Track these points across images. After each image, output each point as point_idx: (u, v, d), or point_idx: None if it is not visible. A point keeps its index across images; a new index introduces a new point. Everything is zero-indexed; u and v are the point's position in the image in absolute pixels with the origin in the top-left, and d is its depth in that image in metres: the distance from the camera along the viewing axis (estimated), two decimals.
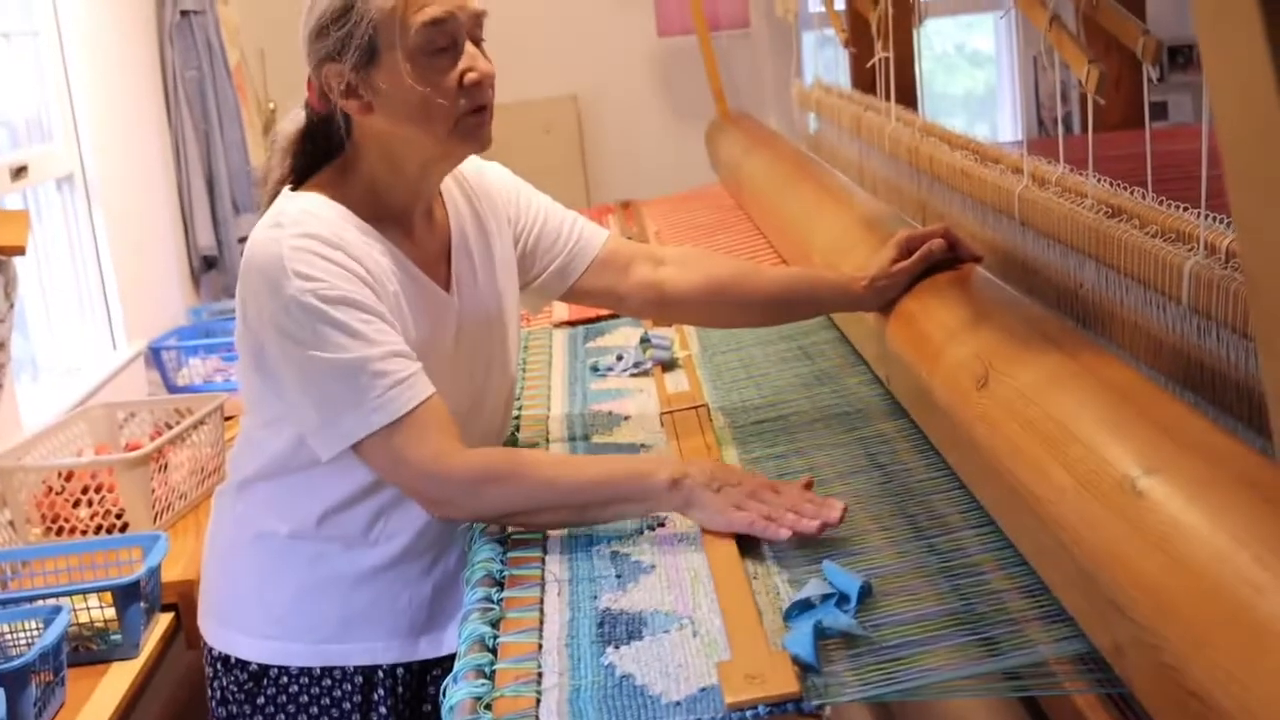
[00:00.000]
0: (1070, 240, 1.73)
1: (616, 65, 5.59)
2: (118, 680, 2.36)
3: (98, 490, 2.86)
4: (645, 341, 2.33)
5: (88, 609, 2.42)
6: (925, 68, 2.49)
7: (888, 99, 2.66)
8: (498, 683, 1.31)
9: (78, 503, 2.84)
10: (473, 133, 1.70)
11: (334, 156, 1.76)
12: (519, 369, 2.34)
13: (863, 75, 3.21)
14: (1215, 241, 1.39)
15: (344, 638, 1.78)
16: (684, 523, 1.61)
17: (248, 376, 1.78)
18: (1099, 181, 1.74)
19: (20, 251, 2.84)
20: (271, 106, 5.19)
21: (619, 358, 2.32)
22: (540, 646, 1.37)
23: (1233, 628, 0.91)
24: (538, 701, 1.27)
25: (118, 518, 2.85)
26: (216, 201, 4.57)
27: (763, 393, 2.06)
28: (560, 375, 2.32)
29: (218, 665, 1.84)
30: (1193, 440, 1.14)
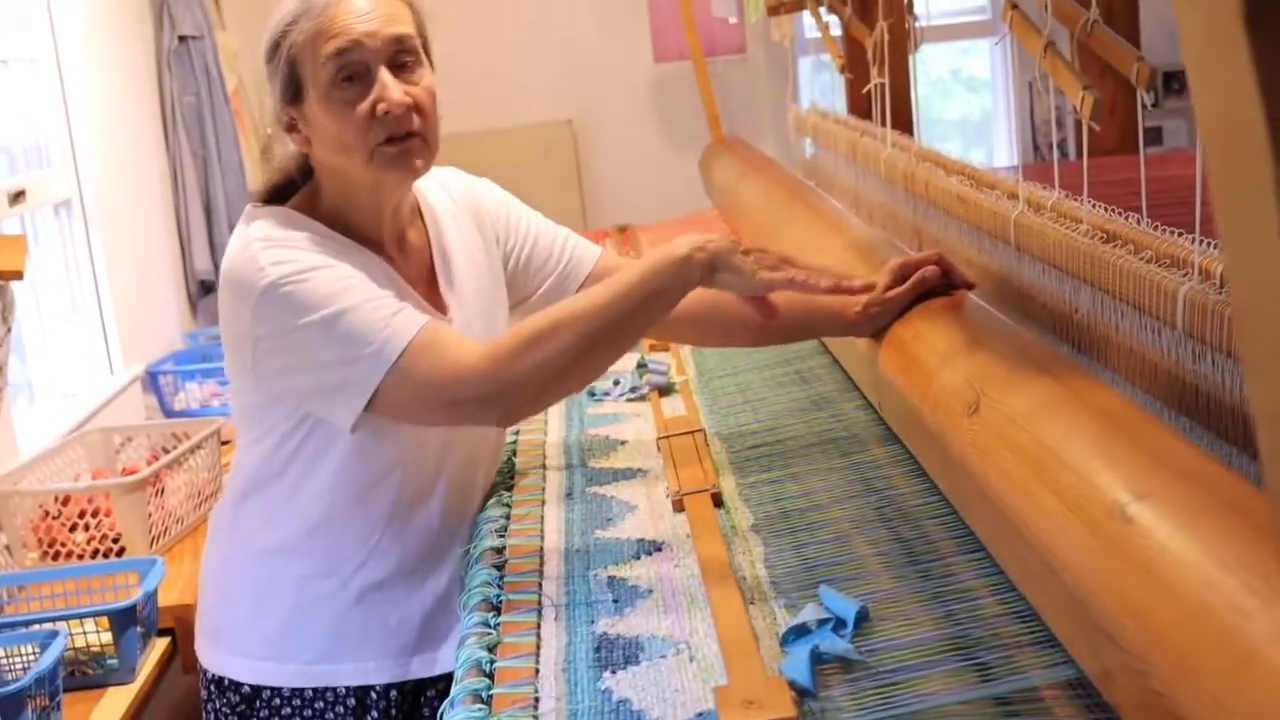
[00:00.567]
0: (1065, 265, 1.74)
1: (613, 90, 5.61)
2: (114, 705, 2.36)
3: (94, 514, 2.86)
4: (642, 366, 2.34)
5: (84, 633, 2.41)
6: (921, 93, 2.50)
7: (883, 124, 2.67)
8: (495, 707, 1.31)
9: (74, 527, 2.84)
10: (392, 162, 1.66)
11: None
12: None
13: (859, 100, 3.22)
14: (1209, 267, 1.39)
15: (335, 658, 1.78)
16: (681, 548, 1.62)
17: (239, 397, 1.78)
18: (1094, 207, 1.75)
19: (18, 276, 2.84)
20: (269, 132, 5.19)
21: (615, 382, 2.32)
22: (537, 671, 1.37)
23: (1221, 654, 0.91)
24: None
25: (114, 542, 2.85)
26: (214, 226, 4.57)
27: (759, 417, 2.06)
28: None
29: (211, 687, 1.84)
30: (1182, 466, 1.15)
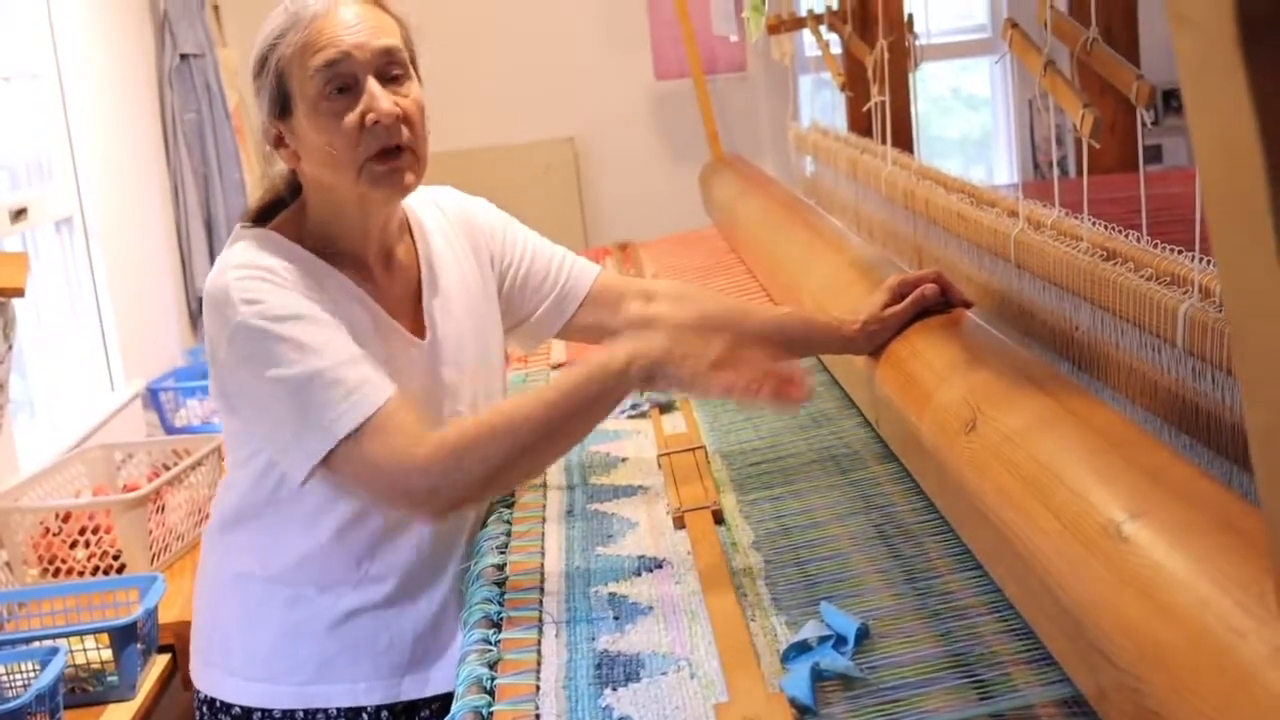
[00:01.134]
0: (1066, 283, 1.74)
1: (614, 108, 5.62)
2: None
3: (95, 531, 2.86)
4: None
5: (84, 650, 2.41)
6: (921, 111, 2.51)
7: (884, 142, 2.67)
8: None
9: (75, 544, 2.84)
10: (382, 179, 1.65)
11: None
12: None
13: (859, 118, 3.23)
14: (1210, 284, 1.40)
15: (326, 679, 1.77)
16: (682, 565, 1.62)
17: (224, 418, 1.78)
18: (1094, 225, 1.75)
19: (19, 293, 2.84)
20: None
21: None
22: (538, 688, 1.37)
23: (1215, 673, 0.92)
24: None
25: (115, 559, 2.85)
26: (215, 243, 4.58)
27: (760, 434, 2.06)
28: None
29: (204, 708, 1.84)
30: (1177, 485, 1.15)
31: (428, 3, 1.89)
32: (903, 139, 2.74)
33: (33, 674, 2.25)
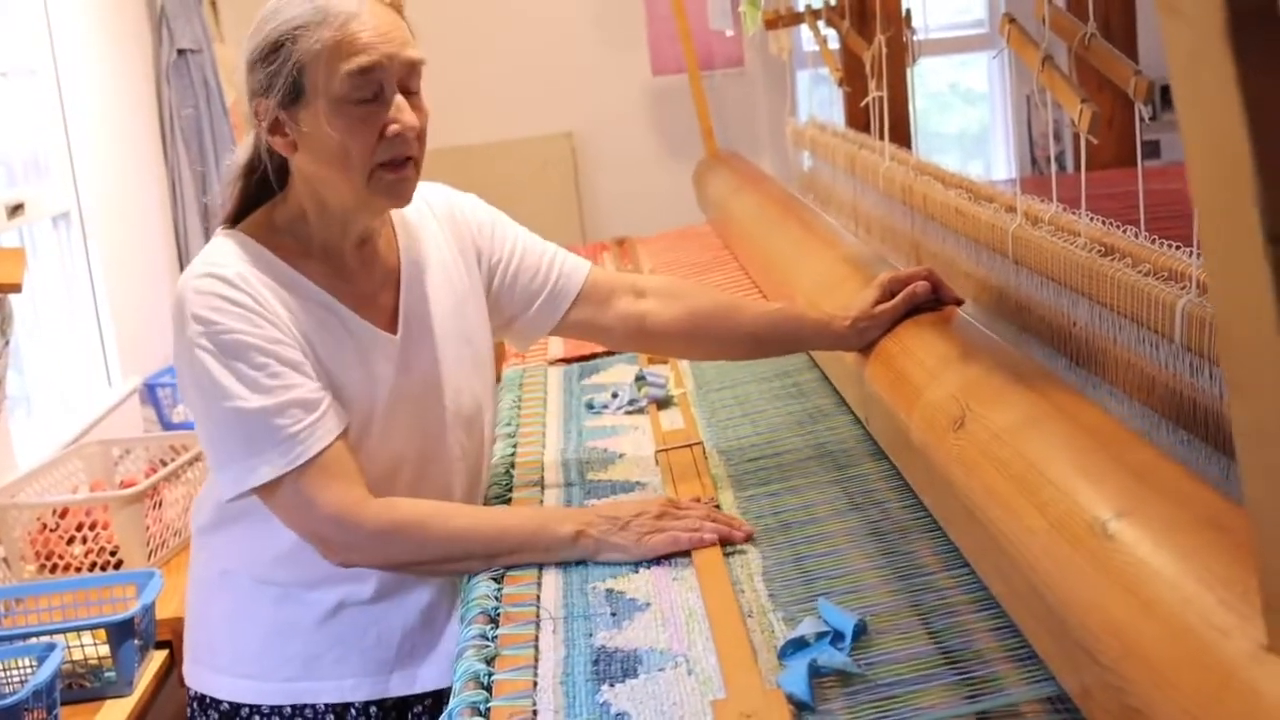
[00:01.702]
0: (1063, 279, 1.74)
1: (611, 103, 5.61)
2: (112, 717, 2.36)
3: (92, 527, 2.86)
4: (640, 379, 2.34)
5: (82, 646, 2.41)
6: (919, 106, 2.51)
7: (882, 137, 2.67)
8: None
9: (72, 540, 2.84)
10: (389, 188, 1.67)
11: (275, 190, 1.77)
12: (514, 408, 2.34)
13: (857, 114, 3.23)
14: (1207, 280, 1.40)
15: (313, 676, 1.77)
16: (680, 560, 1.62)
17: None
18: (1092, 220, 1.75)
19: (16, 289, 2.84)
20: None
21: (614, 395, 2.32)
22: (535, 684, 1.37)
23: (1199, 672, 0.92)
24: None
25: (112, 555, 2.85)
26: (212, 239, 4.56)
27: (758, 430, 2.06)
28: (556, 413, 2.33)
29: (194, 704, 1.84)
30: (1163, 484, 1.15)
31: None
32: (900, 134, 2.74)
33: (30, 670, 2.25)
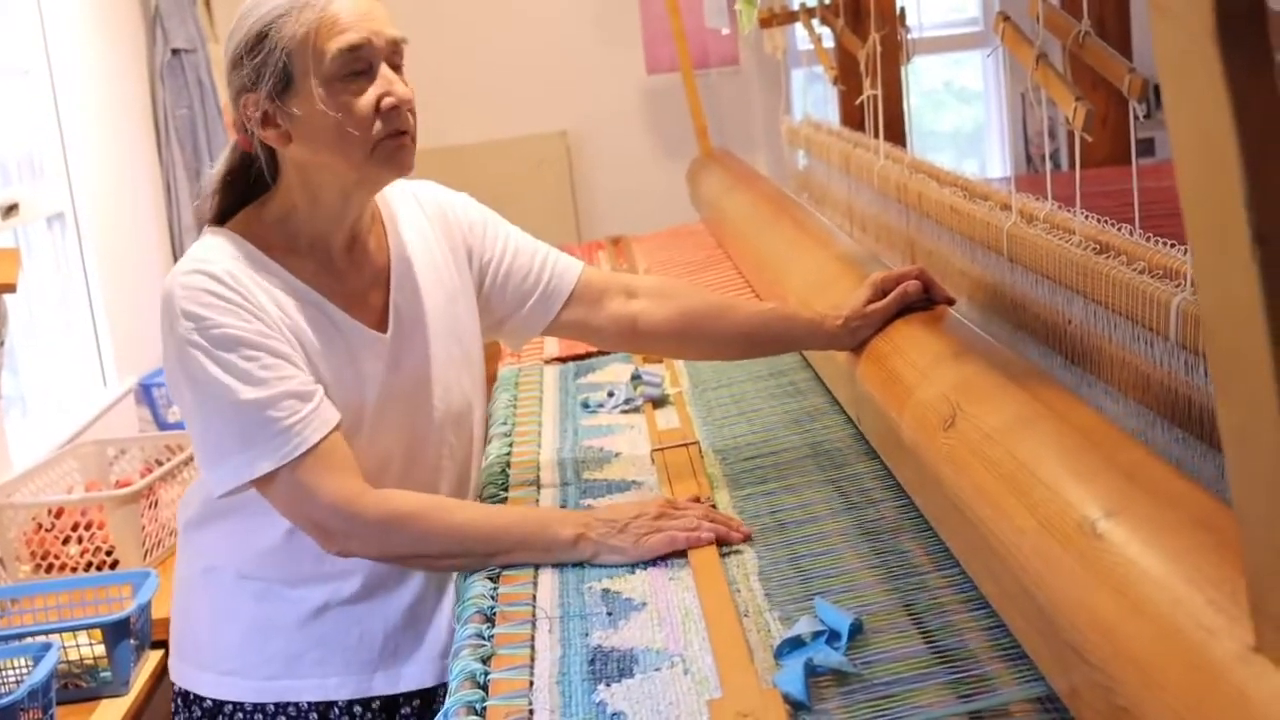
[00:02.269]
0: (1058, 276, 1.74)
1: (606, 102, 5.61)
2: (107, 717, 2.35)
3: (88, 527, 2.85)
4: (636, 378, 2.33)
5: (77, 646, 2.41)
6: (913, 104, 2.50)
7: (876, 135, 2.67)
8: (489, 719, 1.31)
9: (68, 539, 2.84)
10: (392, 157, 1.67)
11: (259, 192, 1.76)
12: (510, 407, 2.33)
13: (851, 112, 3.23)
14: None
15: (295, 674, 1.77)
16: (676, 560, 1.61)
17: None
18: (1086, 218, 1.75)
19: (11, 289, 2.84)
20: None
21: (610, 394, 2.32)
22: (532, 683, 1.37)
23: (1186, 671, 0.91)
24: None
25: (108, 554, 2.85)
26: None
27: (753, 429, 2.06)
28: (551, 412, 2.32)
29: (179, 700, 1.84)
30: (1153, 484, 1.15)
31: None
32: (895, 133, 2.74)
33: (25, 670, 2.25)
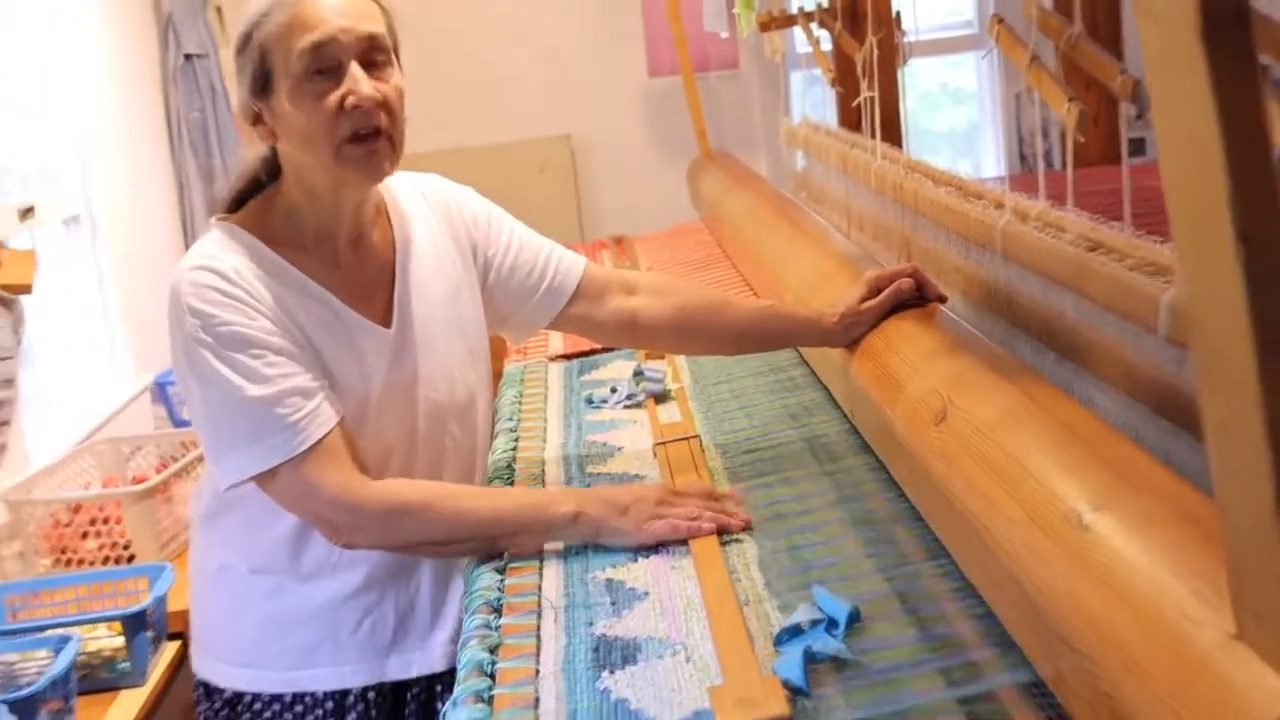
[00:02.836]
0: (1051, 273, 1.74)
1: (609, 105, 5.61)
2: (126, 707, 2.36)
3: (105, 522, 2.86)
4: (638, 374, 2.34)
5: (96, 638, 2.42)
6: (910, 105, 2.50)
7: (873, 136, 2.67)
8: (496, 707, 1.31)
9: (86, 534, 2.85)
10: (358, 161, 1.64)
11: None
12: (515, 404, 2.34)
13: (849, 113, 3.23)
14: None
15: (310, 664, 1.78)
16: (677, 550, 1.62)
17: None
18: (1079, 216, 1.75)
19: (27, 290, 2.85)
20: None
21: (613, 390, 2.32)
22: (537, 672, 1.37)
23: (1169, 659, 0.92)
24: None
25: (125, 549, 2.85)
26: None
27: (753, 423, 2.07)
28: (556, 408, 2.33)
29: (200, 691, 1.85)
30: (1139, 478, 1.15)
31: (427, 2, 1.89)
32: (892, 133, 2.74)
33: (46, 661, 2.26)
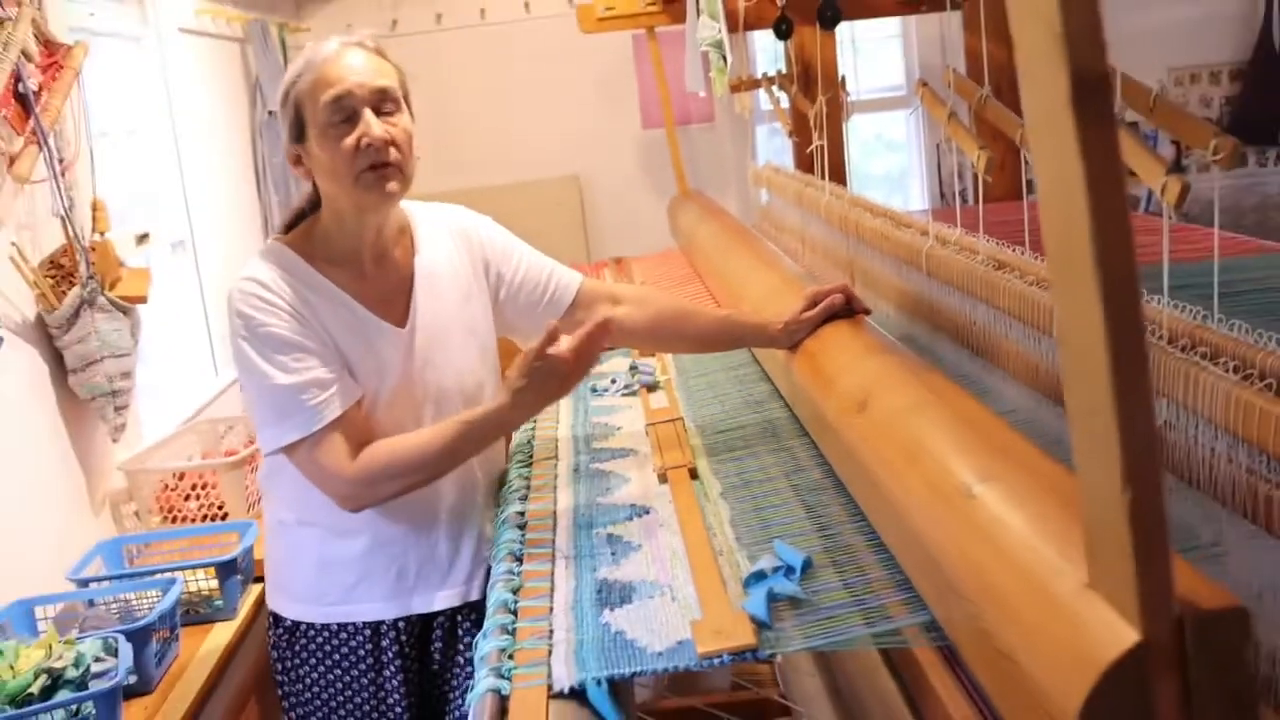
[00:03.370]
0: (966, 287, 1.74)
1: (609, 151, 5.59)
2: (220, 637, 2.36)
3: (204, 487, 2.85)
4: (634, 368, 2.34)
5: (196, 581, 2.41)
6: (852, 153, 2.50)
7: (823, 178, 2.67)
8: (518, 637, 1.31)
9: (188, 497, 2.84)
10: (370, 185, 1.64)
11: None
12: None
13: (804, 159, 3.23)
14: None
15: (351, 600, 1.78)
16: (665, 511, 1.61)
17: None
18: (988, 241, 1.75)
19: (143, 300, 2.84)
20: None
21: (613, 381, 2.32)
22: (551, 609, 1.37)
23: (1036, 602, 0.92)
24: (549, 652, 1.27)
25: (219, 508, 2.84)
26: None
27: (724, 409, 2.06)
28: (567, 396, 2.31)
29: (270, 619, 1.85)
30: (1019, 458, 1.15)
31: (459, 69, 1.87)
32: (838, 175, 2.74)
33: (156, 599, 2.25)
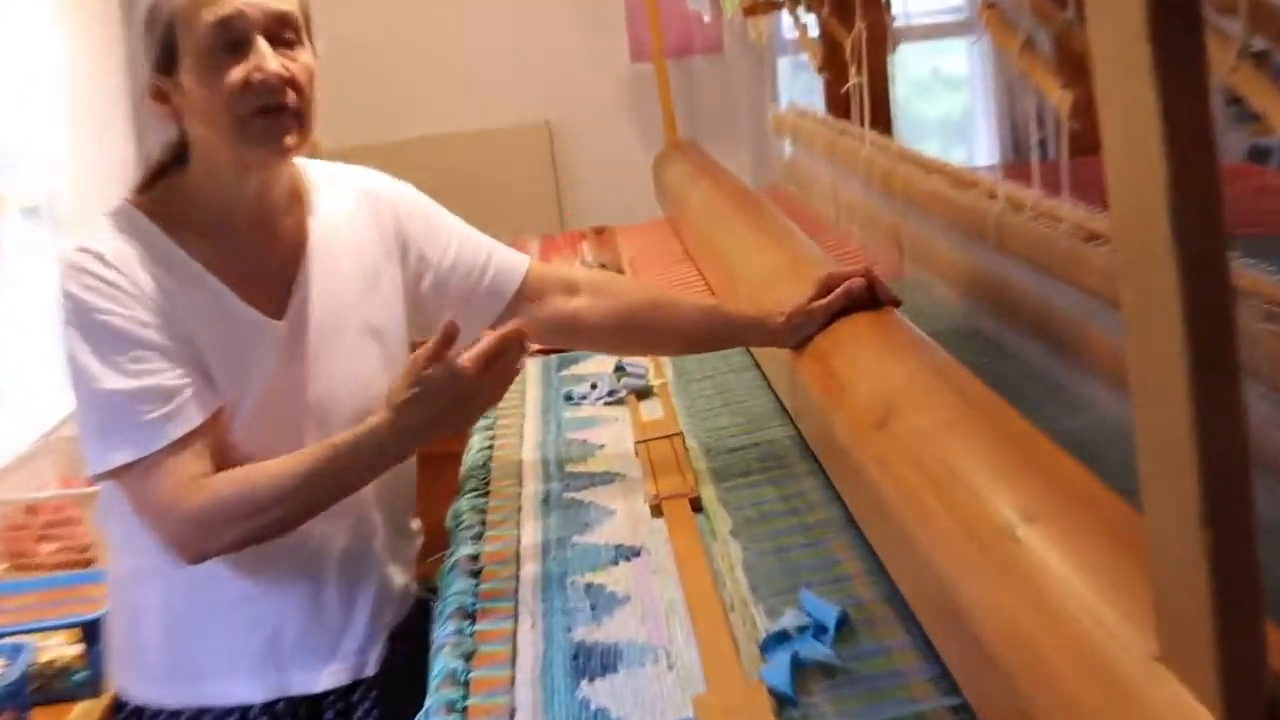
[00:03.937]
0: (1045, 264, 1.74)
1: (589, 91, 5.59)
2: (84, 718, 2.35)
3: (63, 524, 2.85)
4: (619, 370, 2.34)
5: (51, 647, 2.41)
6: (899, 92, 2.51)
7: (862, 124, 2.68)
8: (470, 718, 1.31)
9: (42, 538, 2.83)
10: (259, 136, 1.62)
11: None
12: None
13: (837, 100, 3.23)
14: None
15: (207, 675, 1.71)
16: (660, 553, 1.62)
17: None
18: (1074, 206, 1.75)
19: None
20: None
21: (593, 386, 2.32)
22: (514, 680, 1.37)
23: (1095, 684, 0.91)
24: None
25: (82, 552, 2.84)
26: None
27: (737, 420, 2.06)
28: (534, 405, 2.32)
29: (115, 704, 1.80)
30: (1073, 491, 1.15)
31: None
32: (881, 121, 2.74)
33: (0, 671, 2.24)
